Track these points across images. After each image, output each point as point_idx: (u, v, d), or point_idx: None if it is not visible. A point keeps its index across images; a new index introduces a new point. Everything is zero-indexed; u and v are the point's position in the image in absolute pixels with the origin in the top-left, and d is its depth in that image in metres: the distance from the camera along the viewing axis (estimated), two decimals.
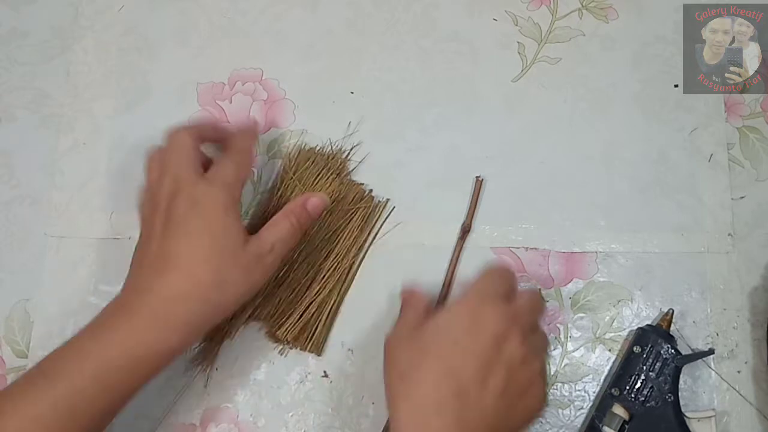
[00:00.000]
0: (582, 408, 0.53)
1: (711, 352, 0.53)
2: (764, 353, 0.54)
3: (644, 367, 0.51)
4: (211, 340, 0.54)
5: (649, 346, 0.51)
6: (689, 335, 0.55)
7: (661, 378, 0.50)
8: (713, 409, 0.51)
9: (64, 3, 0.65)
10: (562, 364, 0.54)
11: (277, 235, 0.47)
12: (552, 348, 0.55)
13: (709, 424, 0.50)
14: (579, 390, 0.54)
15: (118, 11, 0.65)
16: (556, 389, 0.54)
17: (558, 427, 0.53)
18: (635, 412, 0.50)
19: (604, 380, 0.54)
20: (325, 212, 0.56)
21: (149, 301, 0.43)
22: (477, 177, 0.58)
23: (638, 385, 0.50)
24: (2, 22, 0.64)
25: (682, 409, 0.50)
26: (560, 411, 0.53)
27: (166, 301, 0.43)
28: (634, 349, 0.52)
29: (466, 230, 0.56)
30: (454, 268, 0.56)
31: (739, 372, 0.54)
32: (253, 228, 0.47)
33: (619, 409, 0.50)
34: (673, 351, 0.51)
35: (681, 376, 0.51)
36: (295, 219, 0.48)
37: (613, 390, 0.51)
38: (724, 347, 0.54)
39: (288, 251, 0.49)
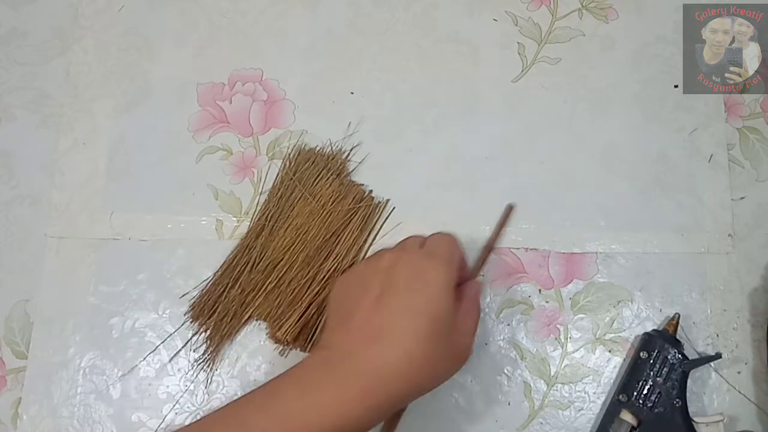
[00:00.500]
0: (582, 409, 0.53)
1: (718, 356, 0.52)
2: (764, 354, 0.54)
3: (651, 373, 0.51)
4: (212, 341, 0.54)
5: (656, 351, 0.51)
6: (688, 336, 0.55)
7: (668, 383, 0.50)
8: (721, 414, 0.51)
9: (64, 3, 0.65)
10: (562, 365, 0.54)
11: (476, 321, 0.46)
12: (552, 349, 0.55)
13: (717, 428, 0.50)
14: (579, 391, 0.54)
15: (118, 11, 0.65)
16: (557, 390, 0.54)
17: (558, 428, 0.53)
18: (643, 418, 0.50)
19: (612, 386, 0.53)
20: (325, 213, 0.56)
21: (361, 372, 0.40)
22: (509, 204, 0.56)
23: (646, 390, 0.50)
24: (2, 22, 0.64)
25: (690, 414, 0.50)
26: (560, 412, 0.53)
27: (378, 377, 0.39)
28: (641, 354, 0.51)
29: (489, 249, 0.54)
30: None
31: (739, 373, 0.54)
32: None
33: (627, 416, 0.50)
34: (680, 356, 0.51)
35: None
36: (478, 312, 0.47)
37: (620, 396, 0.51)
38: (724, 348, 0.54)
39: None
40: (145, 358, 0.55)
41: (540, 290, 0.56)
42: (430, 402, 0.53)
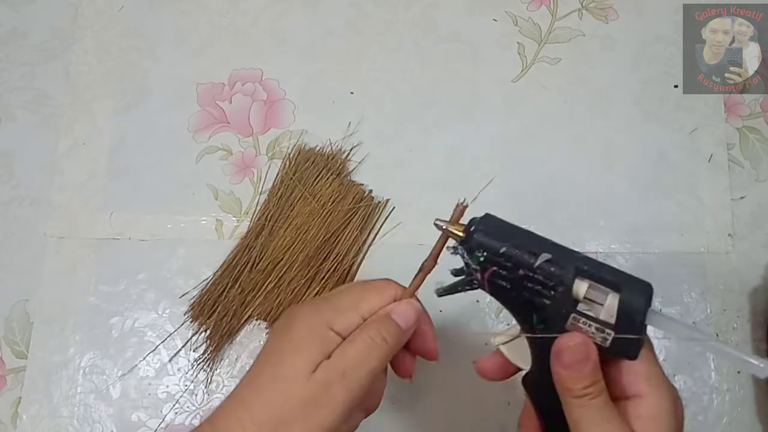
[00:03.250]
0: None
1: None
2: (764, 353, 0.54)
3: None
4: (212, 340, 0.54)
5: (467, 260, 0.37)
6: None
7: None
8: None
9: (64, 3, 0.65)
10: None
11: (351, 355, 0.36)
12: None
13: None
14: None
15: (118, 11, 0.65)
16: None
17: None
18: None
19: None
20: (325, 213, 0.56)
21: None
22: (459, 202, 0.39)
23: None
24: (2, 22, 0.64)
25: None
26: None
27: None
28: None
29: (425, 271, 0.39)
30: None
31: (739, 372, 0.54)
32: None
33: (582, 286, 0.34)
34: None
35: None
36: (376, 332, 0.37)
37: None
38: None
39: (373, 376, 0.36)
40: (145, 358, 0.55)
41: None
42: (430, 401, 0.53)
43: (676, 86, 0.62)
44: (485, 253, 0.35)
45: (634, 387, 0.33)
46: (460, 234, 0.37)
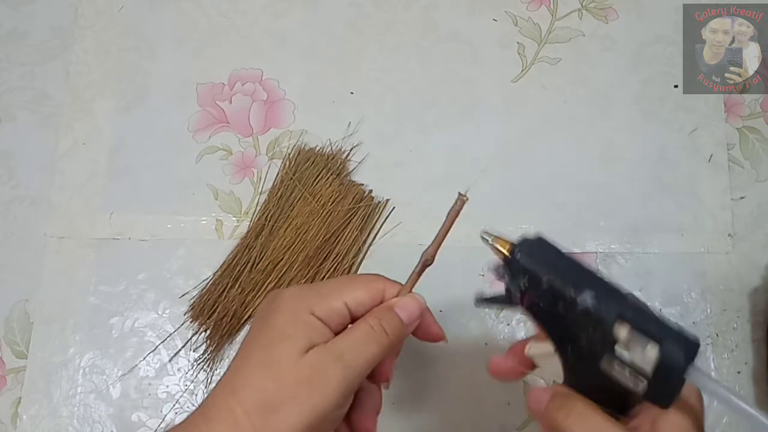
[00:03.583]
0: None
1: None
2: (764, 354, 0.54)
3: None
4: (212, 340, 0.54)
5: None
6: None
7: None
8: None
9: (64, 3, 0.65)
10: None
11: (348, 340, 0.36)
12: None
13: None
14: None
15: (118, 11, 0.65)
16: None
17: None
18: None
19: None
20: (325, 213, 0.56)
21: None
22: (460, 194, 0.41)
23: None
24: (2, 22, 0.64)
25: None
26: None
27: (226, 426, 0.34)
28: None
29: (426, 264, 0.41)
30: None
31: (739, 373, 0.54)
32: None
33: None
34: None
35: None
36: (377, 322, 0.37)
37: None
38: (724, 348, 0.54)
39: (369, 365, 0.36)
40: (145, 358, 0.55)
41: None
42: (430, 401, 0.53)
43: (676, 86, 0.62)
44: (527, 279, 0.34)
45: None
46: (505, 252, 0.36)
